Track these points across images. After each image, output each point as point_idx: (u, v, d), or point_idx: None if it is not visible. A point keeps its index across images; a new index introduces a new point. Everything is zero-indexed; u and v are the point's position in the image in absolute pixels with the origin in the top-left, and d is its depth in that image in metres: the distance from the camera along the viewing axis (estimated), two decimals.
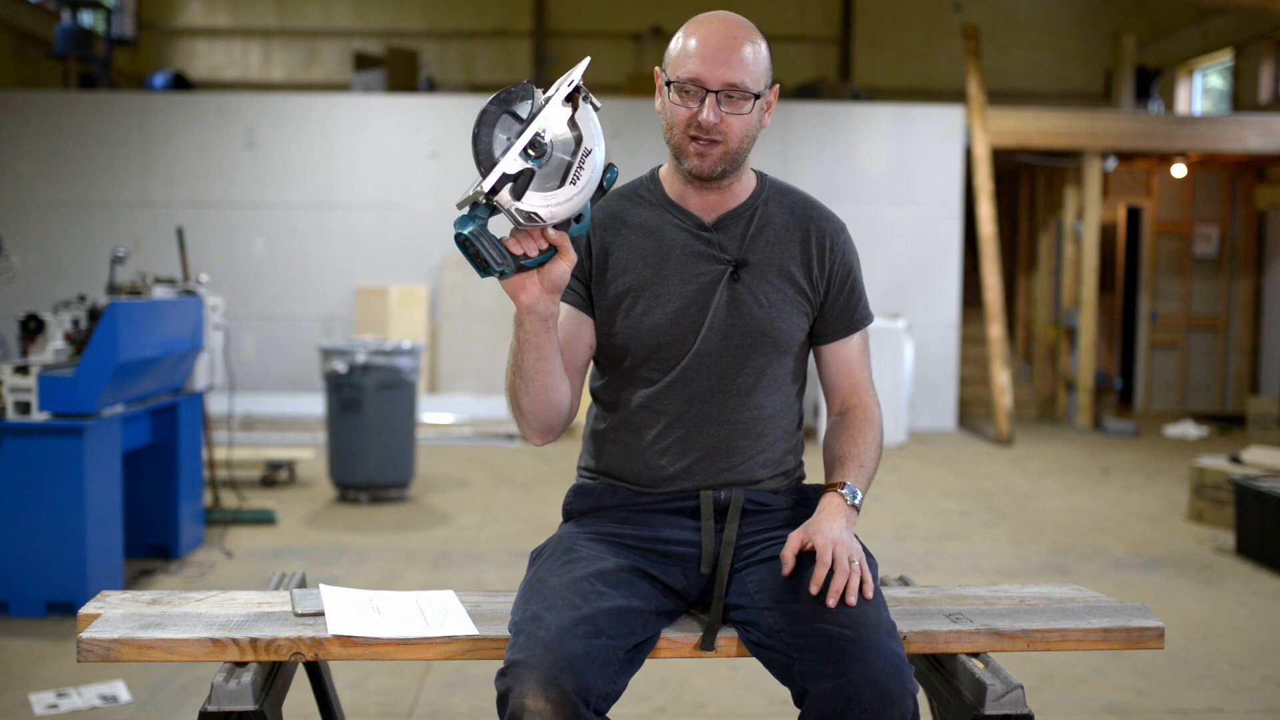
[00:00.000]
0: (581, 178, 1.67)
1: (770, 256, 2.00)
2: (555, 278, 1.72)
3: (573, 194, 1.67)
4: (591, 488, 2.05)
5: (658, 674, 3.71)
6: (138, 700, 3.45)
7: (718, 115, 1.87)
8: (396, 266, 10.20)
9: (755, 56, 1.89)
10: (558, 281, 1.73)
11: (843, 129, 10.38)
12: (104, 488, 4.32)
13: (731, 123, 1.89)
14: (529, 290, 1.72)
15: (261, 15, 14.28)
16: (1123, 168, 11.32)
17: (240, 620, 1.89)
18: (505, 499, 6.82)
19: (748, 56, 1.88)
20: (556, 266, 1.71)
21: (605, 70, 13.94)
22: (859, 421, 2.03)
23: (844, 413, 2.07)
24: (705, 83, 1.87)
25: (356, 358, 6.42)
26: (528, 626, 1.70)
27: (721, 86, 1.87)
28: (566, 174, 1.66)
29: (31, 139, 10.09)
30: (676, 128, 1.91)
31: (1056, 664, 3.87)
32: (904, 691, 1.64)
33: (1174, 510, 6.76)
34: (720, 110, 1.87)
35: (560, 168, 1.66)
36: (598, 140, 1.68)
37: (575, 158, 1.66)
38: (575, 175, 1.66)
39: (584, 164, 1.67)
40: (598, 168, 1.68)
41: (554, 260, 1.71)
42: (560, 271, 1.72)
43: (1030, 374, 12.08)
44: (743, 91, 1.88)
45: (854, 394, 2.08)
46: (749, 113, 1.90)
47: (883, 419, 2.08)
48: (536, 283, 1.72)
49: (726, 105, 1.88)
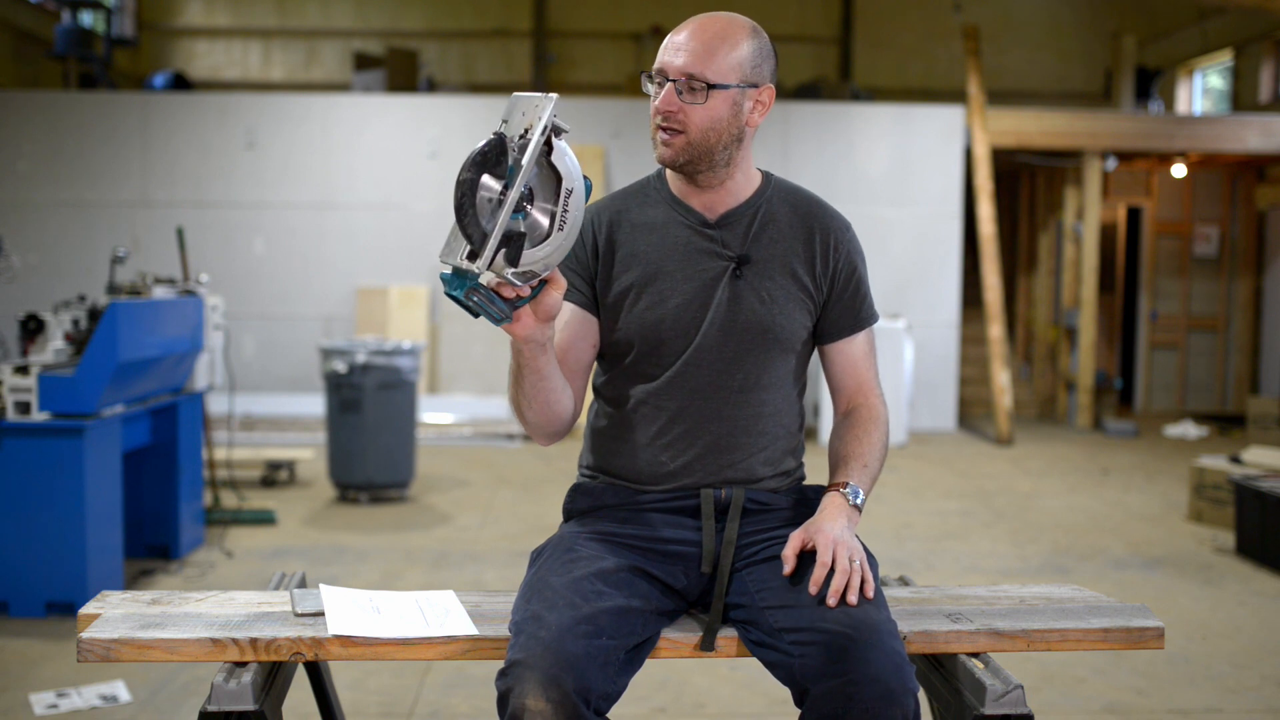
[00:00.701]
0: (568, 221, 1.64)
1: (773, 254, 2.00)
2: (548, 306, 1.72)
3: (561, 240, 1.64)
4: (591, 487, 2.05)
5: (658, 674, 3.71)
6: (138, 700, 3.45)
7: (673, 103, 1.89)
8: (396, 266, 10.20)
9: (729, 50, 1.90)
10: (551, 310, 1.73)
11: (843, 129, 10.38)
12: (104, 488, 4.32)
13: (690, 113, 1.90)
14: (524, 324, 1.73)
15: (261, 15, 14.28)
16: (1123, 168, 11.32)
17: (240, 620, 1.89)
18: (505, 499, 6.82)
19: (716, 48, 1.89)
20: (548, 296, 1.71)
21: (605, 70, 13.95)
22: (864, 421, 2.03)
23: (849, 412, 2.07)
24: (664, 70, 1.90)
25: (356, 358, 6.42)
26: (528, 626, 1.70)
27: (677, 74, 1.89)
28: (553, 221, 1.64)
29: (31, 139, 10.09)
30: (651, 119, 1.94)
31: (1056, 664, 3.87)
32: (905, 691, 1.64)
33: (1174, 510, 6.76)
34: (677, 99, 1.89)
35: (545, 215, 1.64)
36: (576, 175, 1.66)
37: (559, 204, 1.64)
38: (562, 221, 1.64)
39: (568, 205, 1.64)
40: (581, 203, 1.66)
41: (545, 290, 1.70)
42: (552, 300, 1.71)
43: (1030, 374, 12.08)
44: (699, 81, 1.88)
45: (859, 393, 2.08)
46: (706, 104, 1.90)
47: (889, 418, 2.08)
48: (530, 315, 1.72)
49: (687, 96, 1.89)
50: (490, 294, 1.64)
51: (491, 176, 1.60)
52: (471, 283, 1.63)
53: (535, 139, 1.60)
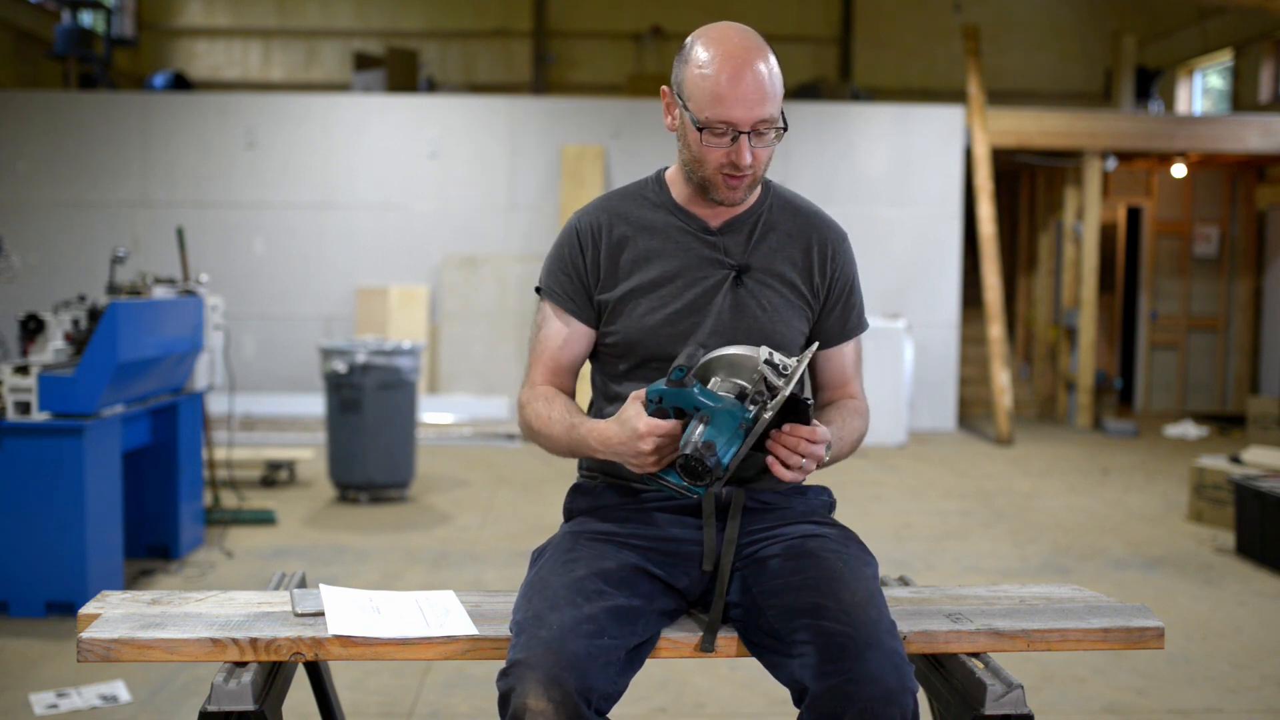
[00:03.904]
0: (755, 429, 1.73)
1: (773, 262, 2.02)
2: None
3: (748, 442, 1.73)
4: (592, 487, 2.05)
5: (658, 674, 3.71)
6: (138, 700, 3.45)
7: (752, 155, 1.88)
8: (396, 266, 10.20)
9: (774, 78, 1.88)
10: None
11: (843, 129, 10.38)
12: (104, 488, 4.32)
13: (760, 154, 1.91)
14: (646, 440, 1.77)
15: (261, 15, 14.28)
16: (1123, 168, 11.32)
17: (240, 620, 1.89)
18: (505, 499, 6.82)
19: (772, 85, 1.87)
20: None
21: (605, 70, 13.95)
22: (849, 408, 2.07)
23: (834, 401, 2.11)
24: (737, 123, 1.86)
25: (356, 358, 6.42)
26: (530, 626, 1.70)
27: (754, 125, 1.87)
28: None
29: (31, 139, 10.09)
30: (708, 165, 1.91)
31: (1056, 664, 3.87)
32: (904, 690, 1.64)
33: (1174, 510, 6.76)
34: (752, 146, 1.88)
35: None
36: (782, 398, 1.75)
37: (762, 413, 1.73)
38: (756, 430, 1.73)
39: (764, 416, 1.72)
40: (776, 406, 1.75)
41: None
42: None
43: (1030, 374, 12.08)
44: (773, 123, 1.89)
45: (844, 392, 2.12)
46: (776, 140, 1.92)
47: (869, 418, 2.11)
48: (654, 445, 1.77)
49: (756, 141, 1.89)
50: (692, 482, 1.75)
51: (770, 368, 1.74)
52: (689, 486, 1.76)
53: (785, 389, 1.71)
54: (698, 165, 1.93)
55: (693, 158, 1.93)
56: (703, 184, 1.95)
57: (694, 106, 1.88)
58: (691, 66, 1.89)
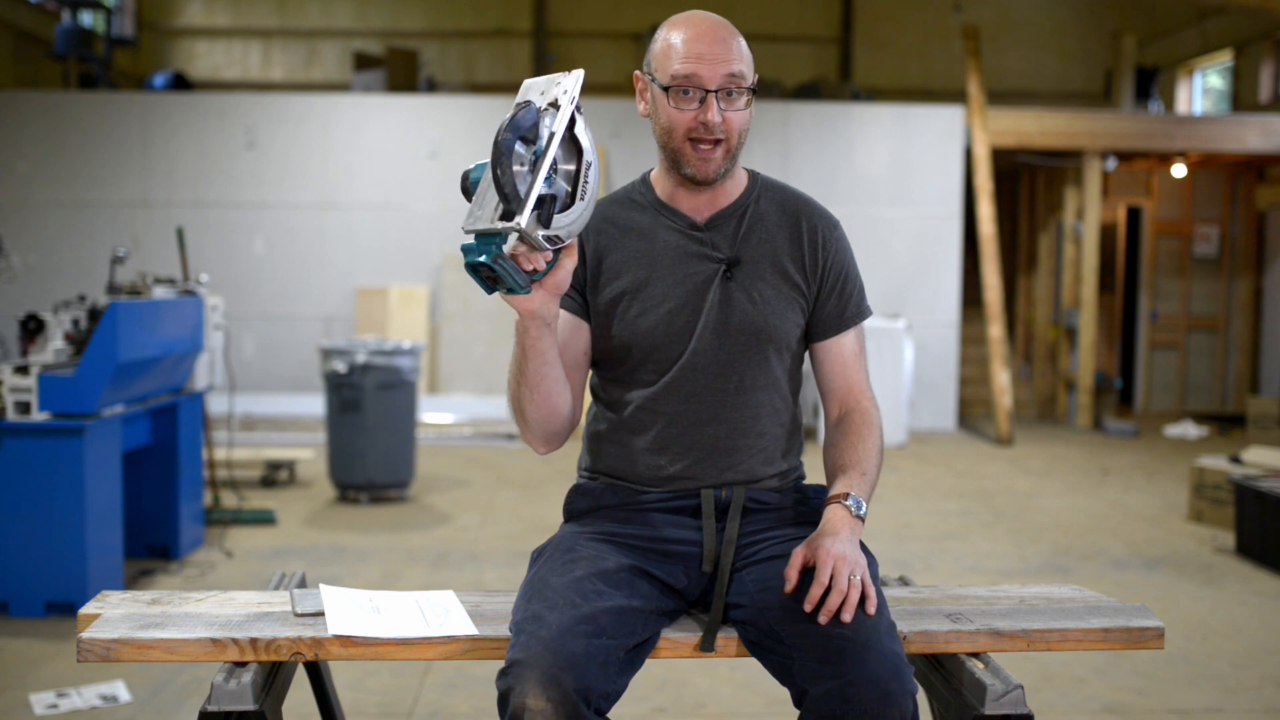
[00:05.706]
0: (588, 191, 1.69)
1: (763, 253, 1.99)
2: (559, 280, 1.73)
3: (583, 208, 1.69)
4: (591, 487, 2.05)
5: (658, 674, 3.71)
6: (138, 700, 3.45)
7: (723, 118, 1.87)
8: (396, 266, 10.20)
9: (742, 48, 1.89)
10: (561, 283, 1.73)
11: (843, 129, 10.38)
12: (104, 488, 4.32)
13: (732, 119, 1.89)
14: (534, 297, 1.73)
15: (261, 15, 14.28)
16: (1123, 168, 11.32)
17: (240, 620, 1.89)
18: (505, 499, 6.81)
19: (738, 48, 1.88)
20: (562, 268, 1.72)
21: (605, 70, 13.93)
22: (859, 426, 2.00)
23: (843, 417, 2.04)
24: (704, 81, 1.86)
25: (356, 358, 6.42)
26: (529, 626, 1.70)
27: (720, 83, 1.86)
28: (574, 189, 1.68)
29: (31, 139, 10.09)
30: (676, 132, 1.90)
31: (1056, 664, 3.87)
32: (904, 691, 1.64)
33: (1174, 510, 6.76)
34: (721, 108, 1.87)
35: (568, 184, 1.68)
36: (594, 150, 1.71)
37: (580, 173, 1.69)
38: (583, 190, 1.69)
39: (588, 177, 1.69)
40: (597, 177, 1.72)
41: (560, 262, 1.72)
42: (565, 272, 1.72)
43: (1030, 374, 12.08)
44: (740, 83, 1.87)
45: (851, 395, 2.05)
46: (746, 107, 1.90)
47: (882, 422, 2.06)
48: (541, 289, 1.73)
49: (725, 102, 1.87)
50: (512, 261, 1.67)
51: (522, 144, 1.63)
52: (499, 247, 1.64)
53: (567, 107, 1.66)
54: (668, 136, 1.91)
55: (663, 130, 1.92)
56: (675, 157, 1.92)
57: (660, 73, 1.89)
58: (658, 43, 1.92)
